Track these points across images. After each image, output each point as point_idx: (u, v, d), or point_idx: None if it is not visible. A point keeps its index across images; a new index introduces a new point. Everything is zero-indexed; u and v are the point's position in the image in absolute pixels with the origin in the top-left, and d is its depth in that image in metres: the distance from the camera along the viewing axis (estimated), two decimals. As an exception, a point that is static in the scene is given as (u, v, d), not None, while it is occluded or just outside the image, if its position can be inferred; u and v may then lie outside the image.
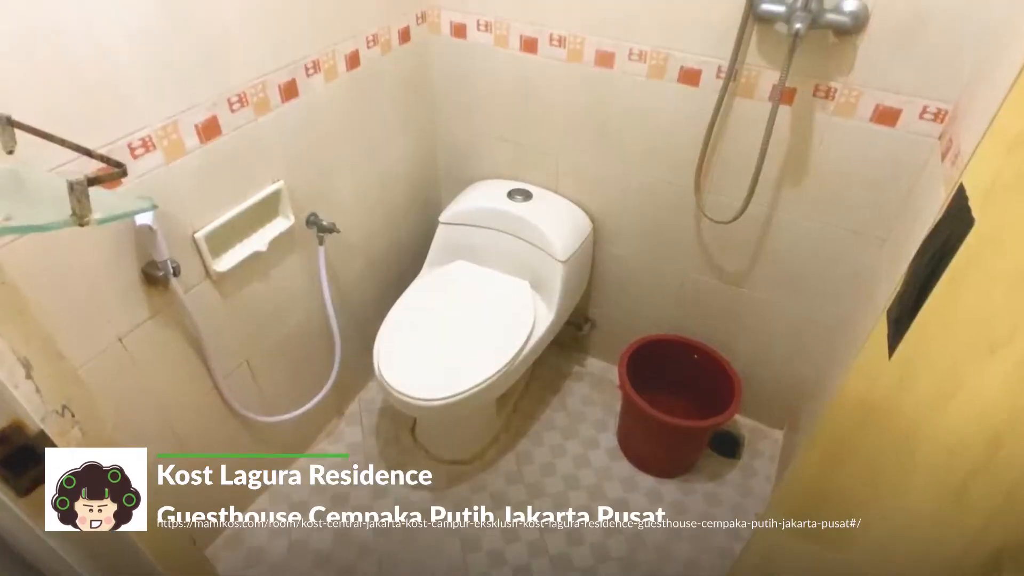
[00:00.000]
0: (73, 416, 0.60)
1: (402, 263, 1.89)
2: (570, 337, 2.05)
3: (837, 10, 1.16)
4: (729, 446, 1.82)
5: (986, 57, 1.07)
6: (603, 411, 1.93)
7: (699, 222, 1.59)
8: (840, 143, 1.31)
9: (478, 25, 1.55)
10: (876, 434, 0.83)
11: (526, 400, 1.96)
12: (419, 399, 1.36)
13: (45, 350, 0.58)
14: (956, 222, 0.76)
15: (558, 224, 1.65)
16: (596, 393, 2.00)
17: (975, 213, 0.71)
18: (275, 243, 1.33)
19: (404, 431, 1.83)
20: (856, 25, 1.16)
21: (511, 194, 1.70)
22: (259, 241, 1.30)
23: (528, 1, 1.45)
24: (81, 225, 0.49)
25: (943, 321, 0.71)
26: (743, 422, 1.91)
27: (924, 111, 1.20)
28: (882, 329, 0.91)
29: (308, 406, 1.54)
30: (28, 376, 0.55)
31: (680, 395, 1.83)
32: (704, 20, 1.30)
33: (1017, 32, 0.93)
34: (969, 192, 0.77)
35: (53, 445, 0.58)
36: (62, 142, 0.62)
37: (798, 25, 1.13)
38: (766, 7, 1.21)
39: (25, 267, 0.88)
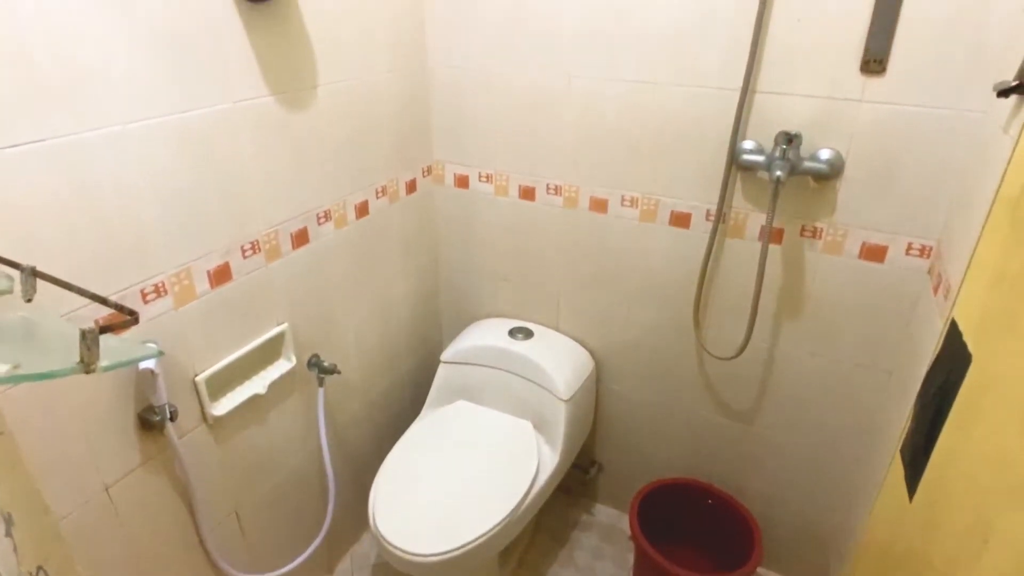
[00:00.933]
0: (46, 578, 0.56)
1: (402, 403, 1.86)
2: (577, 482, 1.96)
3: (814, 158, 1.25)
4: (754, 602, 1.67)
5: (959, 195, 1.14)
6: (615, 566, 1.80)
7: (702, 359, 1.60)
8: (832, 279, 1.35)
9: (479, 176, 1.66)
10: (911, 588, 0.77)
11: (531, 553, 1.83)
12: (415, 555, 1.27)
13: (30, 504, 0.55)
14: (955, 357, 0.76)
15: (560, 362, 1.65)
16: (607, 545, 1.87)
17: (972, 348, 0.71)
18: (275, 385, 1.32)
19: (400, 589, 1.69)
20: (833, 171, 1.25)
21: (512, 332, 1.72)
22: (259, 384, 1.29)
23: (525, 156, 1.57)
24: (87, 372, 0.49)
25: (959, 462, 0.69)
26: None
27: (909, 247, 1.25)
28: (898, 470, 0.87)
29: (297, 562, 1.44)
30: (8, 534, 0.52)
31: (698, 545, 1.71)
32: (690, 169, 1.40)
33: (984, 173, 0.99)
34: (962, 327, 0.78)
35: (20, 613, 0.53)
36: (80, 291, 0.65)
37: (778, 173, 1.21)
38: (747, 157, 1.30)
39: (19, 412, 0.87)
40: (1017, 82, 0.85)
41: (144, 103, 0.95)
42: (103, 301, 0.65)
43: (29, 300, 0.58)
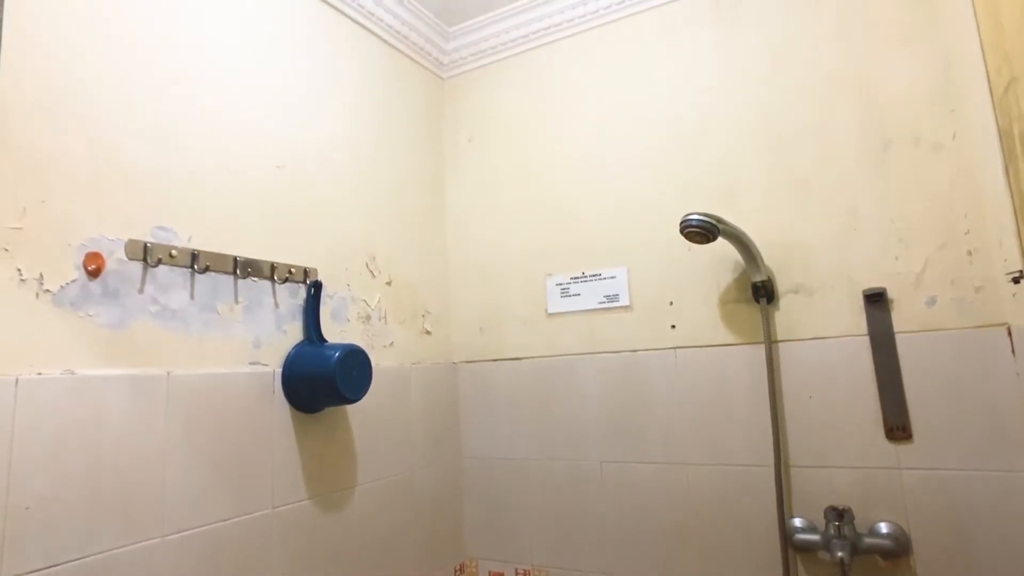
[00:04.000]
0: None
1: None
2: None
3: (873, 534, 1.17)
4: None
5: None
6: None
7: None
8: None
9: (516, 574, 1.54)
10: None
11: None
12: None
13: None
14: None
15: None
16: None
17: None
18: None
19: None
20: (900, 547, 1.14)
21: None
22: None
23: (564, 547, 1.48)
24: None
25: None
26: None
27: (1029, 639, 1.05)
28: None
29: None
30: None
31: None
32: (741, 552, 1.29)
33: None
34: None
35: None
36: None
37: (840, 553, 1.11)
38: (801, 537, 1.22)
39: None
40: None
41: (188, 514, 0.97)
42: None
43: None
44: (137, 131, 0.98)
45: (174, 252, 1.00)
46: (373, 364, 1.24)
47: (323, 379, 1.14)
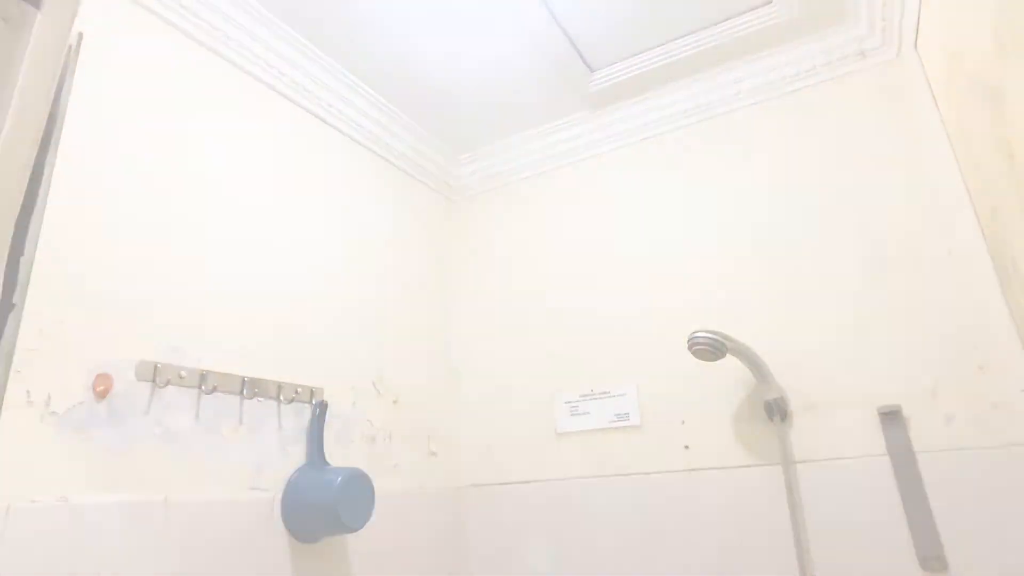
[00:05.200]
0: None
1: None
2: None
3: None
4: None
5: None
6: None
7: None
8: None
9: None
10: None
11: None
12: None
13: None
14: None
15: None
16: None
17: None
18: None
19: None
20: None
21: None
22: None
23: None
24: None
25: None
26: None
27: None
28: None
29: None
30: None
31: None
32: None
33: None
34: None
35: None
36: None
37: None
38: None
39: None
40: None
41: (170, 661, 0.89)
42: None
43: None
44: (156, 257, 1.02)
45: (183, 373, 1.00)
46: (376, 488, 1.18)
47: (324, 507, 1.09)
